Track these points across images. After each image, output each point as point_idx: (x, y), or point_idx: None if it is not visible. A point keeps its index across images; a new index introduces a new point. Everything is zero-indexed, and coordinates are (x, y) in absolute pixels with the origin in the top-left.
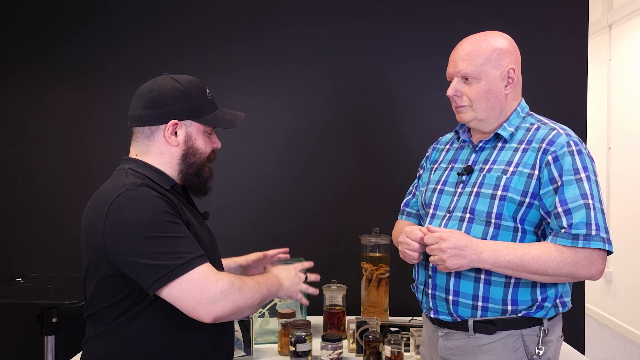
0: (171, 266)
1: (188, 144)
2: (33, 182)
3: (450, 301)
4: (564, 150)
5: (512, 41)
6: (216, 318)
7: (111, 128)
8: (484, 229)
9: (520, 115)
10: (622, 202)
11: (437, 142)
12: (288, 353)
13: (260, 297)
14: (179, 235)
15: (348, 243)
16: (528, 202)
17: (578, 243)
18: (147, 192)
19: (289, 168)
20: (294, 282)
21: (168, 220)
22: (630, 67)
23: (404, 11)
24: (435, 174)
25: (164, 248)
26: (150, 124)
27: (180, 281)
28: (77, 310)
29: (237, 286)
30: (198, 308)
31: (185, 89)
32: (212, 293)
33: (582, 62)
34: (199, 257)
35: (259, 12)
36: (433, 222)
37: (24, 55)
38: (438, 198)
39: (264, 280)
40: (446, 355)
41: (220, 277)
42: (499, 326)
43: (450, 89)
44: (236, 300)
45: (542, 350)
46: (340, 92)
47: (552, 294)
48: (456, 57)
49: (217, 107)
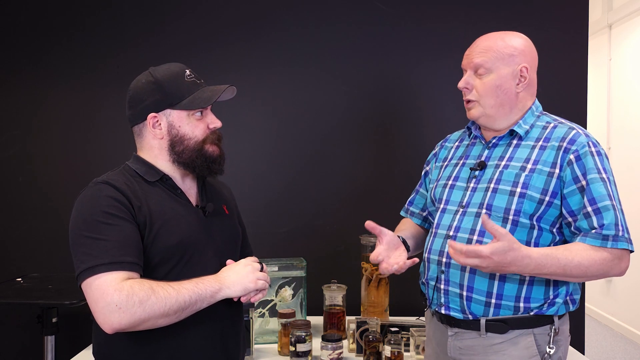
0: (81, 267)
1: (172, 133)
2: (33, 182)
3: (464, 297)
4: (586, 150)
5: (530, 43)
6: (114, 329)
7: (111, 128)
8: (500, 225)
9: (534, 113)
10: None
11: (445, 140)
12: (288, 353)
13: (178, 305)
14: (102, 238)
15: (348, 243)
16: (548, 200)
17: (607, 244)
18: (101, 190)
19: (289, 168)
20: (244, 273)
21: (101, 221)
22: (630, 67)
23: (404, 11)
24: (445, 170)
25: (85, 248)
26: (135, 122)
27: (86, 284)
28: (77, 310)
29: (139, 299)
30: (96, 315)
31: (157, 80)
32: (106, 304)
33: (582, 62)
34: (109, 264)
35: (259, 12)
36: (444, 217)
37: (25, 55)
38: (449, 193)
39: (192, 285)
40: (456, 355)
41: (121, 288)
42: (511, 325)
43: (461, 81)
44: (135, 312)
45: (553, 349)
46: (341, 92)
47: (563, 290)
48: (471, 51)
49: (199, 87)
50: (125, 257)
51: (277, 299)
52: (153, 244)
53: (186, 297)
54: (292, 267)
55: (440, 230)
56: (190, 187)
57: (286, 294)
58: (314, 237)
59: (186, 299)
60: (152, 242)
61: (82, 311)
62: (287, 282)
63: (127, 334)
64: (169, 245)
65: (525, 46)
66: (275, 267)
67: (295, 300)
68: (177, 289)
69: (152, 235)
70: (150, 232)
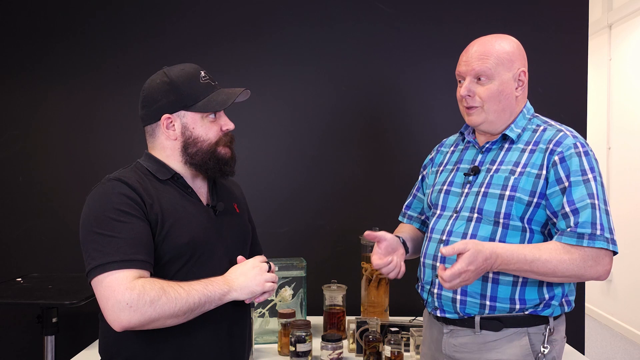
0: (92, 264)
1: (186, 135)
2: (33, 182)
3: (457, 300)
4: (571, 152)
5: (520, 45)
6: (123, 327)
7: (111, 128)
8: (492, 229)
9: (526, 116)
10: (622, 202)
11: (441, 145)
12: (288, 353)
13: (187, 306)
14: (114, 236)
15: (348, 243)
16: (536, 202)
17: (583, 242)
18: (114, 187)
19: (289, 168)
20: (252, 275)
21: (113, 218)
22: (630, 67)
23: (404, 11)
24: (441, 175)
25: (96, 245)
26: (148, 122)
27: (97, 281)
28: (77, 310)
29: (150, 298)
30: (106, 313)
31: (172, 81)
32: (117, 301)
33: (582, 62)
34: (121, 262)
35: (259, 12)
36: (439, 222)
37: (25, 55)
38: (445, 199)
39: (201, 286)
40: (450, 353)
41: (132, 287)
42: (506, 323)
43: (463, 88)
44: (146, 312)
45: (547, 348)
46: (341, 92)
47: (559, 292)
48: (469, 57)
49: (213, 89)
50: (136, 255)
51: (277, 299)
52: (164, 242)
53: (196, 299)
54: (292, 267)
55: (435, 234)
56: (200, 187)
57: (286, 294)
58: (314, 237)
59: (196, 300)
60: (163, 240)
61: (82, 311)
62: (287, 282)
63: (135, 333)
64: (180, 243)
65: (519, 49)
66: (276, 267)
67: (295, 300)
68: (187, 290)
69: (163, 233)
70: (161, 230)
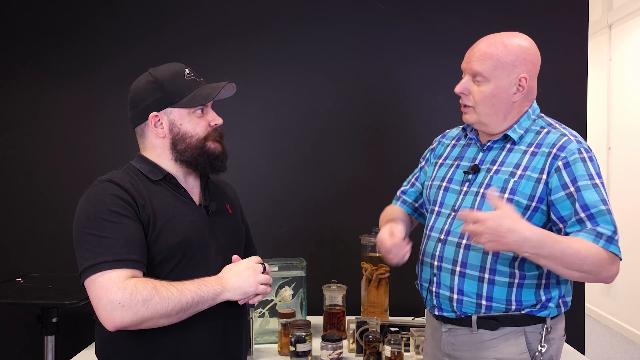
0: (85, 264)
1: (174, 132)
2: (33, 182)
3: (454, 299)
4: (576, 157)
5: (533, 47)
6: (116, 327)
7: (111, 128)
8: None
9: (531, 117)
10: (622, 202)
11: (443, 136)
12: (288, 353)
13: (180, 306)
14: (106, 236)
15: (348, 243)
16: (534, 206)
17: (599, 242)
18: (106, 188)
19: (289, 168)
20: (246, 276)
21: (105, 219)
22: (630, 67)
23: (404, 11)
24: (440, 170)
25: (88, 245)
26: (137, 123)
27: (90, 281)
28: (77, 310)
29: (142, 298)
30: (99, 312)
31: (157, 80)
32: (109, 301)
33: (582, 62)
34: (113, 261)
35: (259, 12)
36: (438, 220)
37: (25, 55)
38: (443, 196)
39: (194, 286)
40: (449, 351)
41: (125, 286)
42: (502, 322)
43: (458, 85)
44: (138, 311)
45: (544, 347)
46: (341, 92)
47: (556, 294)
48: (471, 55)
49: (198, 85)
50: (129, 255)
51: (277, 299)
52: (156, 242)
53: (189, 299)
54: (292, 267)
55: (433, 233)
56: (193, 186)
57: (286, 294)
58: (314, 237)
59: (188, 300)
60: (156, 240)
61: (82, 311)
62: (287, 282)
63: (130, 333)
64: (172, 243)
65: (527, 53)
66: (275, 267)
67: (295, 300)
68: (180, 289)
69: (155, 233)
70: (153, 230)
